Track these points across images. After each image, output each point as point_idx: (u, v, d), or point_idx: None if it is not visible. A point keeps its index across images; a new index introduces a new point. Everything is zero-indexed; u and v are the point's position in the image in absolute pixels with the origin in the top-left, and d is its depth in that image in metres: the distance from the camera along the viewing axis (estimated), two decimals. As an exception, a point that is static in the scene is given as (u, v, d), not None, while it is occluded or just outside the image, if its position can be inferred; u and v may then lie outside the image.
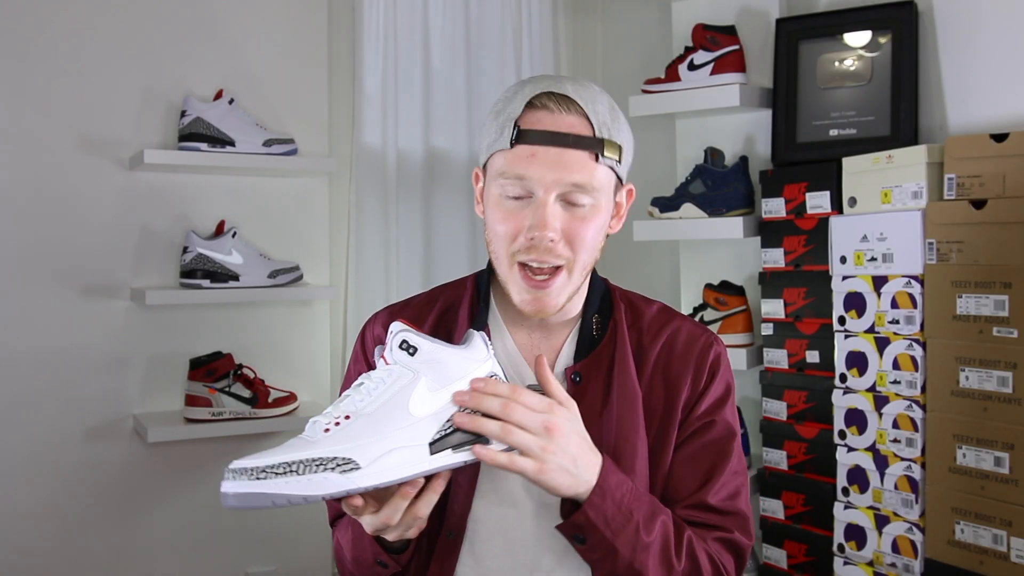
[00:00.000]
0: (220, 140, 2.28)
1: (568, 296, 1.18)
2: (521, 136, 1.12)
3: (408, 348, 1.02)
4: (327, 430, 0.97)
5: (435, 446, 0.99)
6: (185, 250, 2.29)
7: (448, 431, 1.00)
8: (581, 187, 1.12)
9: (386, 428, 0.97)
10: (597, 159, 1.13)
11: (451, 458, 1.00)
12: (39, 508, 2.21)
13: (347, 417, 0.98)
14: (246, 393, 2.31)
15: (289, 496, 0.92)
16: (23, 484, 2.20)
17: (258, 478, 0.92)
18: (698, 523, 1.20)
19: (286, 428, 2.36)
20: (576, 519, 1.08)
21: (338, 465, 0.93)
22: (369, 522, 1.02)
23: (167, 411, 2.35)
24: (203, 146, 2.26)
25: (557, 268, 1.15)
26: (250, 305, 2.45)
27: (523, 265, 1.15)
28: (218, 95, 2.33)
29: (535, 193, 1.13)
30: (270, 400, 2.34)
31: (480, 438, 1.02)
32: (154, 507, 2.34)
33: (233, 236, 2.32)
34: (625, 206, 1.25)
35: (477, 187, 1.25)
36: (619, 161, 1.16)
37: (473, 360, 1.04)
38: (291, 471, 0.92)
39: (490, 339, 1.22)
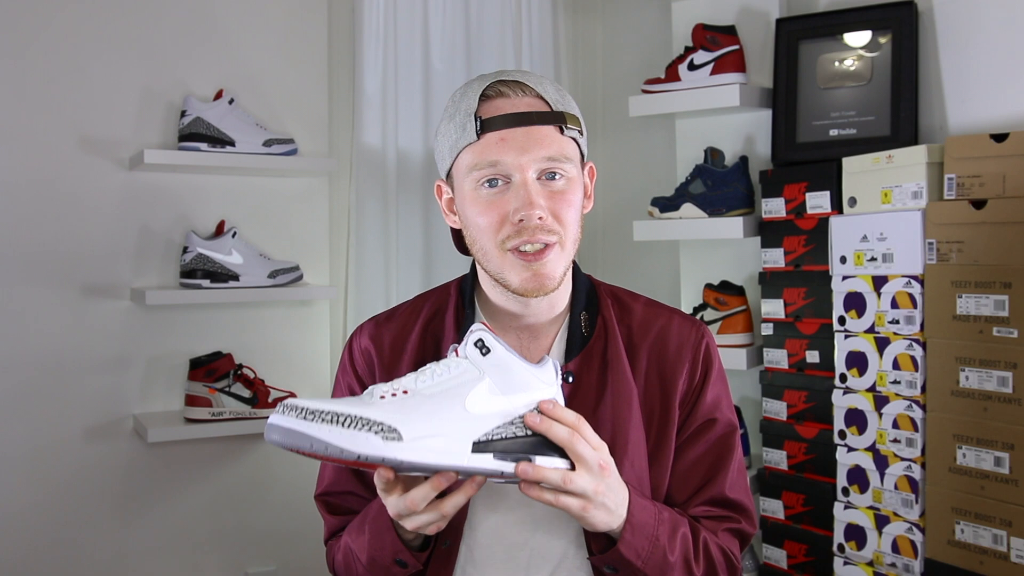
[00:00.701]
0: (220, 140, 2.28)
1: (564, 270, 1.18)
2: (485, 125, 1.14)
3: (482, 347, 1.03)
4: (383, 397, 0.99)
5: (478, 447, 1.00)
6: (185, 250, 2.29)
7: (497, 437, 1.01)
8: (555, 159, 1.15)
9: (438, 413, 0.99)
10: (562, 131, 1.16)
11: (489, 463, 1.00)
12: (39, 508, 2.21)
13: (405, 392, 1.00)
14: (246, 393, 2.31)
15: (327, 443, 0.93)
16: (23, 484, 2.20)
17: (305, 418, 0.94)
18: (712, 517, 1.22)
19: (286, 428, 2.35)
20: (611, 556, 1.11)
21: (383, 431, 0.95)
22: (393, 504, 1.03)
23: (167, 411, 2.35)
24: (203, 146, 2.26)
25: (548, 244, 1.15)
26: (250, 305, 2.44)
27: (513, 249, 1.15)
28: (218, 95, 2.33)
29: (512, 177, 1.14)
30: (270, 400, 2.34)
31: (525, 455, 1.02)
32: (154, 507, 2.34)
33: (233, 236, 2.32)
34: (591, 185, 1.26)
35: (442, 200, 1.26)
36: (581, 133, 1.19)
37: (540, 380, 1.05)
38: (338, 421, 0.94)
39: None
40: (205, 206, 2.40)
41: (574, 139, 1.18)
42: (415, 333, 1.27)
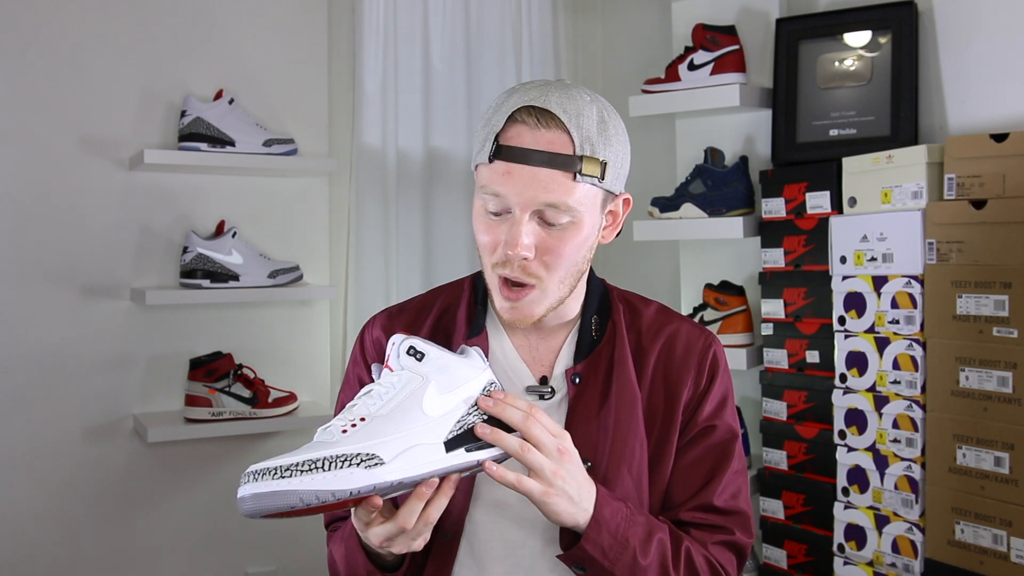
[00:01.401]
0: (220, 140, 2.28)
1: (548, 308, 1.17)
2: (498, 152, 1.11)
3: (416, 354, 1.04)
4: (345, 431, 0.98)
5: (449, 445, 1.01)
6: (185, 250, 2.29)
7: (460, 431, 1.02)
8: (555, 207, 1.10)
9: (404, 426, 0.99)
10: (575, 177, 1.10)
11: (465, 457, 1.02)
12: (39, 508, 2.21)
13: (363, 419, 1.00)
14: (246, 393, 2.31)
15: (317, 492, 0.91)
16: (23, 484, 2.20)
17: (283, 476, 0.92)
18: (702, 524, 1.21)
19: (286, 428, 2.36)
20: (575, 553, 1.10)
21: (362, 461, 0.95)
22: (382, 532, 1.02)
23: (167, 411, 2.35)
24: (203, 146, 2.26)
25: (528, 285, 1.15)
26: (250, 305, 2.45)
27: (501, 276, 1.15)
28: (218, 95, 2.33)
29: (512, 210, 1.12)
30: (270, 400, 2.34)
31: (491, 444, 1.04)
32: (154, 507, 2.34)
33: (233, 236, 2.32)
34: (622, 215, 1.23)
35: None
36: (601, 178, 1.12)
37: (474, 368, 1.06)
38: (316, 468, 0.93)
39: (487, 341, 1.23)
40: (205, 206, 2.40)
41: (593, 183, 1.13)
42: (427, 327, 1.27)
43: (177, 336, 2.36)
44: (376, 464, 0.95)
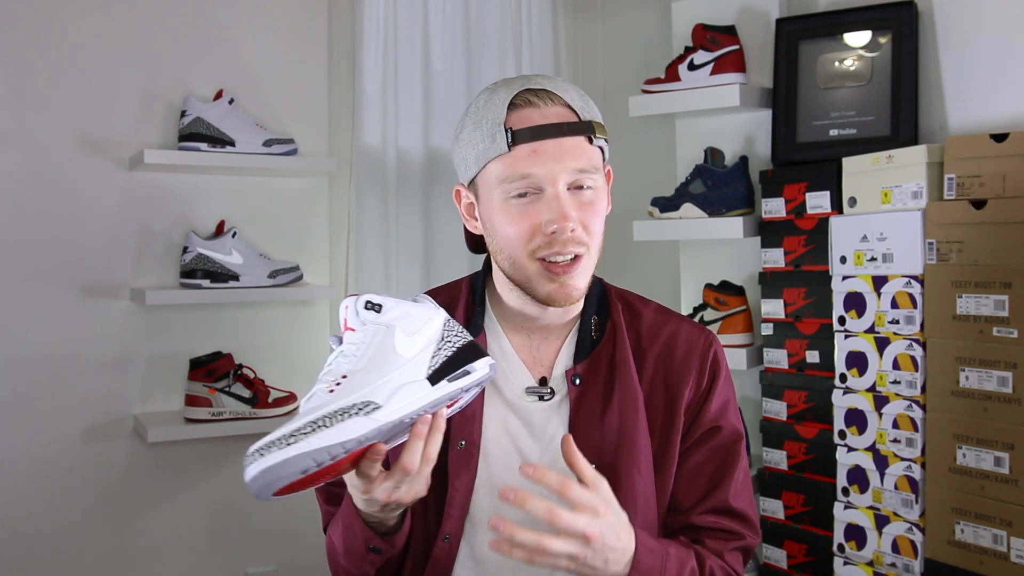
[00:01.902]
0: (220, 140, 2.28)
1: (588, 281, 1.19)
2: (517, 136, 1.13)
3: (374, 307, 1.07)
4: (331, 391, 1.01)
5: (432, 379, 1.04)
6: (185, 250, 2.29)
7: (437, 365, 1.05)
8: (584, 171, 1.14)
9: (387, 372, 1.02)
10: (591, 141, 1.15)
11: (449, 388, 1.05)
12: (39, 508, 2.21)
13: (344, 377, 1.02)
14: (246, 393, 2.31)
15: (328, 447, 0.94)
16: (23, 484, 2.20)
17: (288, 444, 0.93)
18: (717, 530, 1.21)
19: (286, 428, 2.36)
20: None
21: (359, 409, 0.98)
22: (389, 484, 1.04)
23: (167, 411, 2.35)
24: (203, 146, 2.26)
25: (577, 255, 1.16)
26: (250, 305, 2.44)
27: (542, 260, 1.15)
28: (218, 95, 2.33)
29: (544, 188, 1.13)
30: (270, 400, 2.34)
31: (466, 366, 1.06)
32: (154, 507, 2.34)
33: (233, 236, 2.32)
34: (608, 186, 1.26)
35: (462, 206, 1.24)
36: (607, 141, 1.19)
37: (429, 310, 1.09)
38: (319, 427, 0.95)
39: (486, 342, 1.23)
40: (205, 206, 2.40)
41: (600, 148, 1.18)
42: None
43: (177, 336, 2.36)
44: (374, 409, 0.98)
